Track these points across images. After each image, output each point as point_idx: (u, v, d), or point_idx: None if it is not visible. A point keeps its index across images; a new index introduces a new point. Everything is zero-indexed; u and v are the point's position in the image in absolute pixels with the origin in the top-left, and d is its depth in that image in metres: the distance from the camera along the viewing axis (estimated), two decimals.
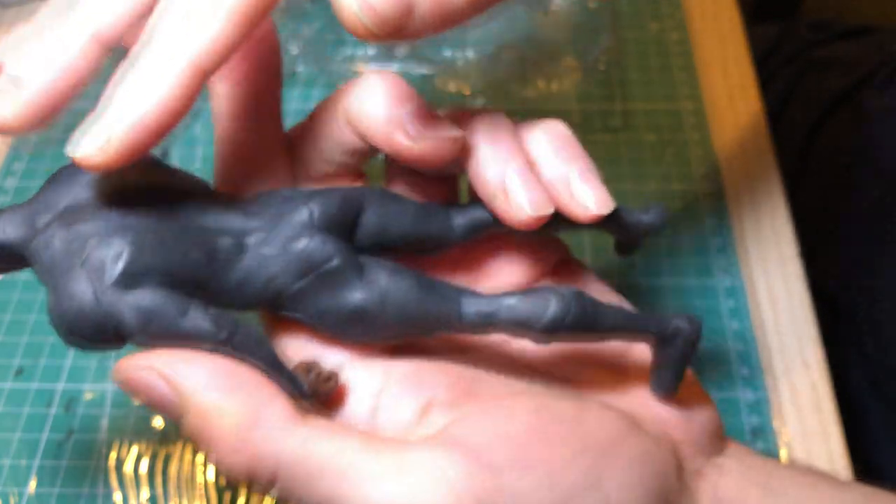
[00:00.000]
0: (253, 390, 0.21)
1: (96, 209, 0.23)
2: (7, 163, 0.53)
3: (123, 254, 0.22)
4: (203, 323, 0.22)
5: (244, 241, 0.23)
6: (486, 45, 0.58)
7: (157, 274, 0.22)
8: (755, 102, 0.55)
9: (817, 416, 0.42)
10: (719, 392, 0.43)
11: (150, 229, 0.22)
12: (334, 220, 0.23)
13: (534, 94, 0.56)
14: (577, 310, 0.23)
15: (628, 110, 0.55)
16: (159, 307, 0.22)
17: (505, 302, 0.23)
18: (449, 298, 0.24)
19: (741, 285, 0.47)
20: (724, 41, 0.59)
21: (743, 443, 0.41)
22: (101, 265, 0.21)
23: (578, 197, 0.24)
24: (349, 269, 0.23)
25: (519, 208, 0.23)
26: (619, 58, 0.57)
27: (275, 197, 0.24)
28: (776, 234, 0.49)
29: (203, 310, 0.22)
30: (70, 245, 0.22)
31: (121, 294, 0.21)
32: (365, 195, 0.24)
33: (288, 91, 0.55)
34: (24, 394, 0.43)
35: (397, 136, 0.23)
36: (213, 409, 0.21)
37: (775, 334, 0.45)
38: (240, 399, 0.21)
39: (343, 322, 0.24)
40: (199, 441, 0.21)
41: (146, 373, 0.21)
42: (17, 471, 0.41)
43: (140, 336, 0.22)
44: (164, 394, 0.21)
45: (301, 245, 0.23)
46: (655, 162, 0.53)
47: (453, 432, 0.22)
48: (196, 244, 0.22)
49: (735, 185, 0.51)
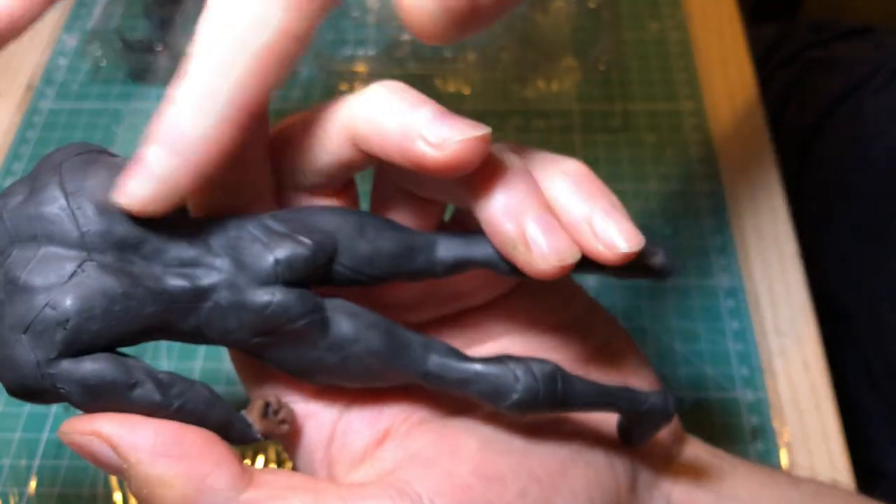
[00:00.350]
0: (197, 458, 0.21)
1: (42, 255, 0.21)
2: (7, 163, 0.53)
3: (69, 322, 0.20)
4: (153, 395, 0.21)
5: (200, 284, 0.22)
6: (486, 45, 0.58)
7: (105, 339, 0.21)
8: (755, 102, 0.55)
9: (817, 416, 0.42)
10: (719, 392, 0.43)
11: (98, 286, 0.20)
12: (300, 273, 0.22)
13: (534, 94, 0.56)
14: (545, 393, 0.22)
15: (628, 110, 0.55)
16: (106, 381, 0.21)
17: (473, 370, 0.22)
18: (415, 360, 0.23)
19: (741, 285, 0.47)
20: (724, 41, 0.59)
21: (743, 443, 0.41)
22: (44, 332, 0.20)
23: (604, 236, 0.22)
24: (312, 329, 0.22)
25: (543, 259, 0.21)
26: (619, 58, 0.57)
27: (241, 230, 0.22)
28: (776, 234, 0.49)
29: (153, 380, 0.21)
30: (14, 301, 0.21)
31: (65, 366, 0.20)
32: (340, 233, 0.23)
33: (288, 91, 0.55)
34: None
35: (417, 145, 0.20)
36: (157, 480, 0.21)
37: (775, 334, 0.45)
38: (184, 469, 0.21)
39: (303, 374, 0.23)
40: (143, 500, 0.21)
41: (91, 438, 0.21)
42: (17, 471, 0.41)
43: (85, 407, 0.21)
44: (110, 460, 0.21)
45: (261, 302, 0.21)
46: (655, 162, 0.53)
47: (402, 477, 0.23)
48: (150, 296, 0.21)
49: (735, 185, 0.51)
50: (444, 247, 0.23)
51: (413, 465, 0.23)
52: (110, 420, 0.21)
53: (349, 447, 0.24)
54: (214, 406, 0.22)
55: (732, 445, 0.41)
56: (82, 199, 0.21)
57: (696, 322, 0.45)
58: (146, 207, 0.21)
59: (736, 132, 0.54)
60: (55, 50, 0.59)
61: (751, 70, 0.57)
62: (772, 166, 0.52)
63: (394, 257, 0.23)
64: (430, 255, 0.23)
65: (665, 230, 0.49)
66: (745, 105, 0.55)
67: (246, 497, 0.21)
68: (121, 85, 0.57)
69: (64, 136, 0.55)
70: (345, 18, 0.61)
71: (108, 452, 0.21)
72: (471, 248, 0.23)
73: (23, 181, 0.22)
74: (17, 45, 0.59)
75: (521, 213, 0.21)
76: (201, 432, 0.22)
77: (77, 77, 0.58)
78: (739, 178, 0.52)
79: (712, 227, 0.49)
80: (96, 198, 0.21)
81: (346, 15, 0.61)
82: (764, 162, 0.52)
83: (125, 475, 0.21)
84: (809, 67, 0.69)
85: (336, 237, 0.22)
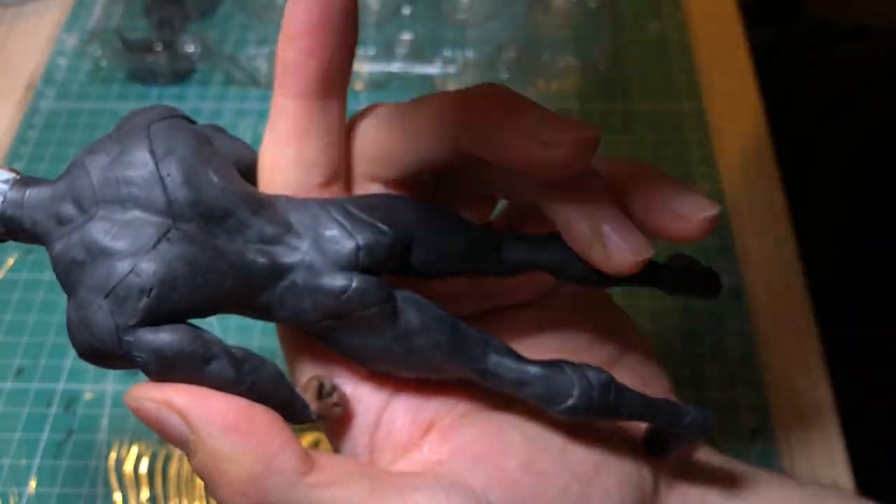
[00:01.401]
0: (266, 437, 0.21)
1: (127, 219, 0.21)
2: (6, 163, 0.53)
3: (153, 291, 0.20)
4: (227, 371, 0.21)
5: (280, 262, 0.22)
6: (486, 45, 0.58)
7: (183, 310, 0.21)
8: (755, 103, 0.55)
9: (817, 416, 0.42)
10: (719, 392, 0.43)
11: (182, 256, 0.20)
12: (379, 261, 0.22)
13: (534, 94, 0.56)
14: (598, 401, 0.22)
15: (628, 110, 0.55)
16: (184, 353, 0.20)
17: (531, 372, 0.22)
18: (475, 357, 0.23)
19: (741, 285, 0.47)
20: (724, 41, 0.59)
21: (743, 443, 0.41)
22: (125, 299, 0.20)
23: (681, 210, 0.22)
24: (383, 317, 0.22)
25: (621, 256, 0.22)
26: (619, 58, 0.57)
27: (322, 212, 0.22)
28: (776, 234, 0.49)
29: (228, 356, 0.21)
30: (95, 263, 0.20)
31: (143, 334, 0.20)
32: (416, 225, 0.23)
33: None
34: (24, 394, 0.43)
35: (532, 146, 0.21)
36: (226, 455, 0.21)
37: (775, 334, 0.45)
38: (253, 446, 0.21)
39: (363, 359, 0.23)
40: (207, 480, 0.21)
41: (160, 407, 0.21)
42: (17, 471, 0.41)
43: (157, 377, 0.21)
44: (177, 430, 0.21)
45: (339, 286, 0.21)
46: (655, 162, 0.52)
47: (453, 469, 0.23)
48: (231, 270, 0.21)
49: (735, 185, 0.51)
50: (511, 248, 0.23)
51: (462, 457, 0.23)
52: (183, 391, 0.21)
53: (394, 435, 0.24)
54: (280, 385, 0.22)
55: (732, 445, 0.41)
56: (171, 165, 0.21)
57: (696, 322, 0.45)
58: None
59: (736, 133, 0.54)
60: (55, 50, 0.59)
61: (751, 70, 0.57)
62: (772, 166, 0.52)
63: (465, 254, 0.23)
64: (498, 254, 0.23)
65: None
66: (745, 105, 0.55)
67: (310, 480, 0.21)
68: (121, 85, 0.57)
69: (64, 136, 0.55)
70: None
71: (177, 423, 0.21)
72: (536, 252, 0.23)
73: (110, 139, 0.22)
74: (17, 45, 0.60)
75: (597, 212, 0.22)
76: (268, 411, 0.22)
77: (77, 77, 0.58)
78: (739, 178, 0.52)
79: None
80: (185, 164, 0.21)
81: None
82: (764, 162, 0.52)
83: (189, 448, 0.21)
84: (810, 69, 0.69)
85: (412, 229, 0.23)
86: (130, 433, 0.42)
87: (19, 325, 0.46)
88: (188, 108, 0.56)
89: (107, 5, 0.62)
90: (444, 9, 0.60)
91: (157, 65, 0.56)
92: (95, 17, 0.61)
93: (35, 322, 0.46)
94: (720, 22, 0.60)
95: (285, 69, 0.23)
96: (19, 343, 0.45)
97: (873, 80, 0.65)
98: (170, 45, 0.57)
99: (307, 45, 0.23)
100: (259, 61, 0.56)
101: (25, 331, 0.46)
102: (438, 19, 0.60)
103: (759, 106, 0.55)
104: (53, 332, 0.46)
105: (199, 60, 0.57)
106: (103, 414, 0.43)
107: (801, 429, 0.42)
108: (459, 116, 0.22)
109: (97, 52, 0.58)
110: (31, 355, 0.45)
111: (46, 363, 0.44)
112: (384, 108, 0.24)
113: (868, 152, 0.64)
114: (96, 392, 0.43)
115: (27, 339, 0.45)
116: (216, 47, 0.57)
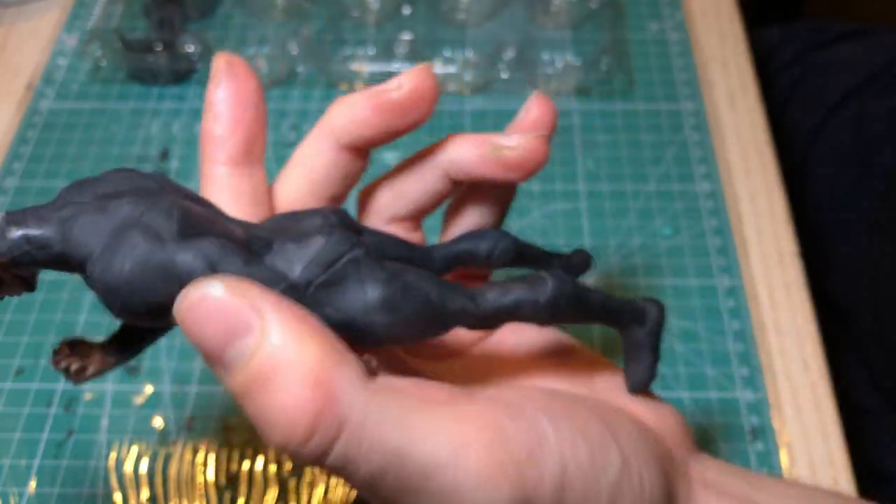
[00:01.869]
0: (330, 337, 0.21)
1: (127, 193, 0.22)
2: (7, 163, 0.53)
3: (175, 213, 0.22)
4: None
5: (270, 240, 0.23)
6: (486, 45, 0.58)
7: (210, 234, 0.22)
8: (755, 103, 0.55)
9: (817, 416, 0.42)
10: (719, 392, 0.43)
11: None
12: (345, 222, 0.25)
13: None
14: (571, 290, 0.25)
15: (628, 110, 0.55)
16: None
17: (512, 287, 0.25)
18: (463, 292, 0.24)
19: (741, 285, 0.47)
20: (724, 41, 0.59)
21: (743, 443, 0.41)
22: (156, 223, 0.21)
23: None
24: (372, 259, 0.24)
25: (524, 141, 0.27)
26: (619, 58, 0.57)
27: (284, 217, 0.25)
28: (776, 234, 0.49)
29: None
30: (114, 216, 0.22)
31: (183, 242, 0.21)
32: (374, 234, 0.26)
33: (288, 91, 0.55)
34: (24, 394, 0.43)
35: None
36: (295, 345, 0.20)
37: (775, 334, 0.45)
38: (319, 342, 0.21)
39: (370, 313, 0.23)
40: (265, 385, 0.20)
41: (229, 296, 0.20)
42: (17, 471, 0.41)
43: None
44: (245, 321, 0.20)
45: (322, 238, 0.23)
46: (655, 162, 0.53)
47: (490, 395, 0.23)
48: (232, 230, 0.23)
49: (735, 185, 0.51)
50: (438, 249, 0.27)
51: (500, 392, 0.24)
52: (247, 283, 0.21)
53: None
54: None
55: (732, 445, 0.41)
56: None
57: (696, 322, 0.45)
58: None
59: (736, 132, 0.54)
60: (55, 50, 0.59)
61: (751, 70, 0.57)
62: (772, 166, 0.52)
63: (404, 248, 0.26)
64: (430, 255, 0.27)
65: (665, 230, 0.49)
66: (746, 105, 0.55)
67: (373, 386, 0.21)
68: (121, 85, 0.57)
69: (64, 136, 0.55)
70: (345, 18, 0.61)
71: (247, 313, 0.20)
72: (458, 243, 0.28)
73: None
74: (17, 45, 0.60)
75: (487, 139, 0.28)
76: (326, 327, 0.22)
77: (77, 77, 0.58)
78: (739, 178, 0.52)
79: (712, 227, 0.49)
80: None
81: (346, 15, 0.61)
82: (764, 162, 0.52)
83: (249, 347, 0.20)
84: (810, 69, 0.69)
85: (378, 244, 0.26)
86: (130, 433, 0.42)
87: (19, 325, 0.46)
88: (188, 108, 0.56)
89: (107, 5, 0.62)
90: (444, 9, 0.61)
91: (157, 65, 0.56)
92: (95, 17, 0.61)
93: (35, 322, 0.46)
94: (720, 22, 0.60)
95: (214, 142, 0.26)
96: (19, 343, 0.45)
97: (873, 80, 0.65)
98: (170, 45, 0.57)
99: (232, 119, 0.26)
100: (259, 61, 0.56)
101: (25, 331, 0.46)
102: (438, 19, 0.61)
103: (759, 106, 0.55)
104: (53, 332, 0.46)
105: (198, 60, 0.57)
106: (103, 414, 0.43)
107: (801, 429, 0.42)
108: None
109: (97, 52, 0.58)
110: (31, 355, 0.45)
111: (46, 363, 0.44)
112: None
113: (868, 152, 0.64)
114: (96, 392, 0.43)
115: (27, 339, 0.45)
116: (216, 47, 0.57)
